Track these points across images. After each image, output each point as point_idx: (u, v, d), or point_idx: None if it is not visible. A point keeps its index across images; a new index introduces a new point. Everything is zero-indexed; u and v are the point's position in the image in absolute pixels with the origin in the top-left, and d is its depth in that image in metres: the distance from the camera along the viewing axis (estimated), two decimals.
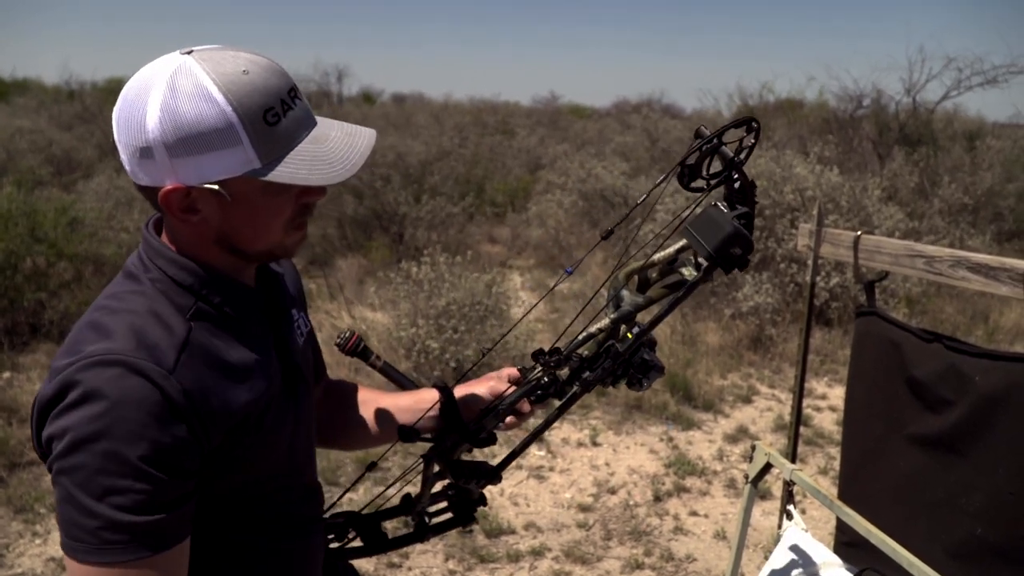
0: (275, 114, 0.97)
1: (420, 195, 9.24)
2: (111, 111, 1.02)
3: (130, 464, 0.92)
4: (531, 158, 14.77)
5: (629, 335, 1.14)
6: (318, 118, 1.05)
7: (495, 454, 4.30)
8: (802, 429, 4.95)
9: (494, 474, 1.20)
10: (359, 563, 1.42)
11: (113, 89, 22.16)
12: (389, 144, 10.04)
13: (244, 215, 1.01)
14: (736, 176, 1.12)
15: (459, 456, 1.15)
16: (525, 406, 1.22)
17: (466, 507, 1.15)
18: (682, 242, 1.16)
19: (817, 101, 14.18)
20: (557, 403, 1.18)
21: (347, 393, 1.46)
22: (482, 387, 1.31)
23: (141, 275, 1.05)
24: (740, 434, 5.02)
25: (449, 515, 1.17)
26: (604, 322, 1.15)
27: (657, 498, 4.21)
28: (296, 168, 0.97)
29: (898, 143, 11.40)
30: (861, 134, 11.86)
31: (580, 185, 9.83)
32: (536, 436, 1.17)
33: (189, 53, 0.97)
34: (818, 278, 6.66)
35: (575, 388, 1.15)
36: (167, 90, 0.94)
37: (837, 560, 1.86)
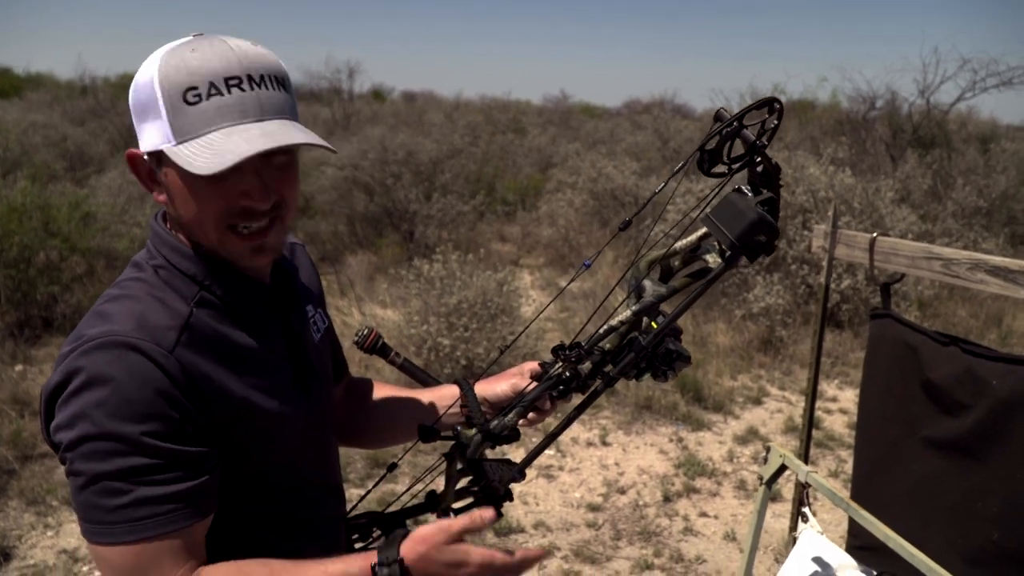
0: (196, 95, 0.96)
1: (431, 193, 9.24)
2: (124, 106, 1.06)
3: (141, 443, 0.93)
4: (542, 157, 14.76)
5: (654, 324, 1.10)
6: (266, 122, 0.99)
7: (505, 452, 4.29)
8: (812, 432, 4.95)
9: (518, 472, 1.18)
10: None
11: (126, 84, 22.15)
12: (400, 142, 10.05)
13: (176, 194, 1.02)
14: (759, 160, 1.07)
15: (482, 454, 1.13)
16: (546, 403, 1.19)
17: (492, 502, 1.14)
18: (704, 230, 1.12)
19: (830, 102, 14.12)
20: (579, 399, 1.16)
21: (368, 391, 1.45)
22: (504, 383, 1.30)
23: (145, 263, 1.07)
24: (750, 436, 5.00)
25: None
26: (626, 314, 1.11)
27: (667, 498, 4.20)
28: (192, 152, 0.95)
29: (911, 145, 11.33)
30: (874, 136, 11.79)
31: (591, 184, 9.82)
32: (560, 432, 1.15)
33: (193, 36, 1.01)
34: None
35: (597, 383, 1.12)
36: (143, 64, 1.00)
37: (854, 563, 1.85)
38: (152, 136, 0.99)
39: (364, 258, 8.70)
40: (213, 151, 0.94)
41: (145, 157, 1.02)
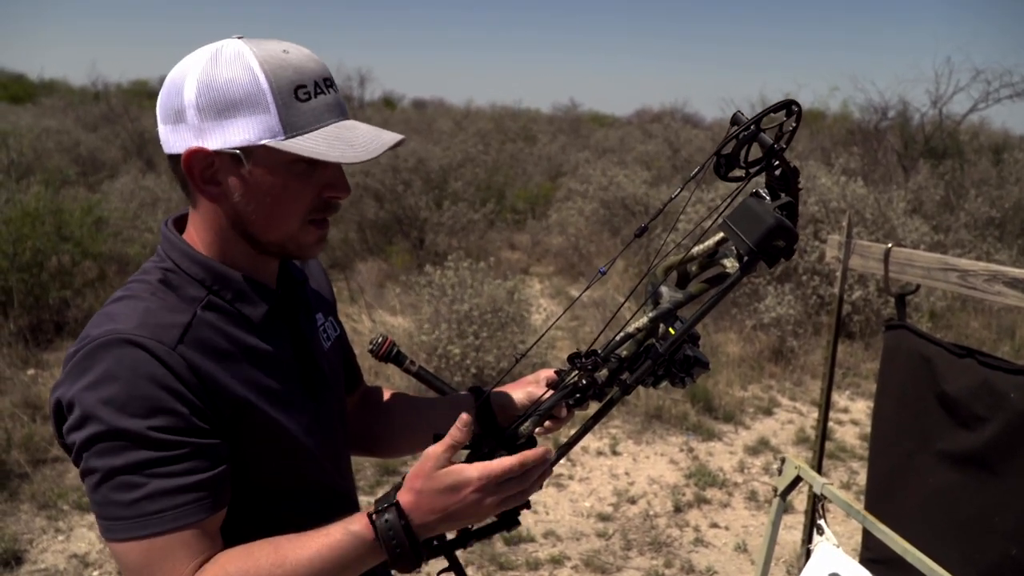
0: (306, 92, 0.99)
1: (441, 200, 9.25)
2: (136, 112, 1.04)
3: (150, 437, 0.93)
4: (552, 165, 14.77)
5: (671, 331, 1.08)
6: (351, 120, 1.06)
7: None
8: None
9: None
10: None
11: (138, 91, 22.36)
12: (411, 149, 10.07)
13: (262, 191, 1.02)
14: (777, 163, 1.05)
15: None
16: (562, 411, 1.18)
17: (510, 510, 1.12)
18: (721, 235, 1.10)
19: (841, 112, 14.10)
20: (595, 407, 1.14)
21: (384, 400, 1.44)
22: (519, 391, 1.29)
23: (153, 267, 1.08)
24: (761, 446, 4.98)
25: (493, 519, 1.14)
26: (642, 320, 1.09)
27: (677, 509, 4.18)
28: (316, 143, 0.98)
29: (923, 156, 11.29)
30: (886, 146, 11.76)
31: (601, 193, 9.81)
32: (577, 440, 1.14)
33: (240, 39, 1.01)
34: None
35: (614, 391, 1.11)
36: (208, 60, 0.99)
37: None
38: (244, 131, 0.98)
39: (374, 265, 8.71)
40: (345, 142, 1.00)
41: (218, 154, 1.00)
